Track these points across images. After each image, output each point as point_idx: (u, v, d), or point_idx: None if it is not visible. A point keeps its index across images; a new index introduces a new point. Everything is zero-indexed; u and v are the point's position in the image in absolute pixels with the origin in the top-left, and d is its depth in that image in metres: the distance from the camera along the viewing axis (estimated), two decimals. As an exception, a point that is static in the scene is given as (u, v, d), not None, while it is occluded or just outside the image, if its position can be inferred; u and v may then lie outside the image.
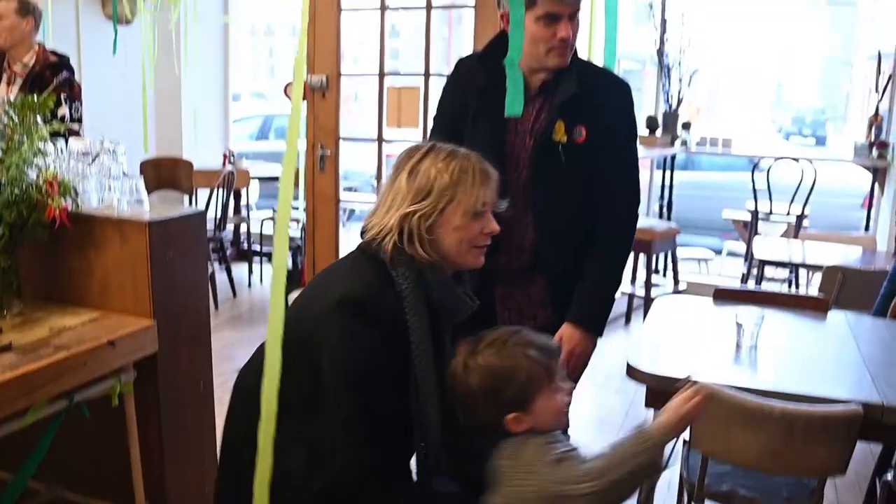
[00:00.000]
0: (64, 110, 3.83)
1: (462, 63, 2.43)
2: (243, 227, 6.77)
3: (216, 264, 5.89)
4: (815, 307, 2.90)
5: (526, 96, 2.23)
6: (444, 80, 2.56)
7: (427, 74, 4.33)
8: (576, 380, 2.33)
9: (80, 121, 3.99)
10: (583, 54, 2.36)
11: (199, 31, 6.13)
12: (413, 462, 1.75)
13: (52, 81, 3.93)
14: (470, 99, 2.27)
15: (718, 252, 7.79)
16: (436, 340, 1.74)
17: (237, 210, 6.63)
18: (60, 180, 2.45)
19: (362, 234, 1.81)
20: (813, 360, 2.48)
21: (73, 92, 3.99)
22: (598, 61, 2.57)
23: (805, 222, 5.93)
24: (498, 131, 2.22)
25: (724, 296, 2.94)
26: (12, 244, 2.44)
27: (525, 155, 2.24)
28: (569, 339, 2.25)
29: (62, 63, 4.12)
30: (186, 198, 6.16)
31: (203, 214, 2.70)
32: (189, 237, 2.61)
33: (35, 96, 2.55)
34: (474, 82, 2.26)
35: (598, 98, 2.22)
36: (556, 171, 2.21)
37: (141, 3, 5.15)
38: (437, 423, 1.71)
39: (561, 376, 1.65)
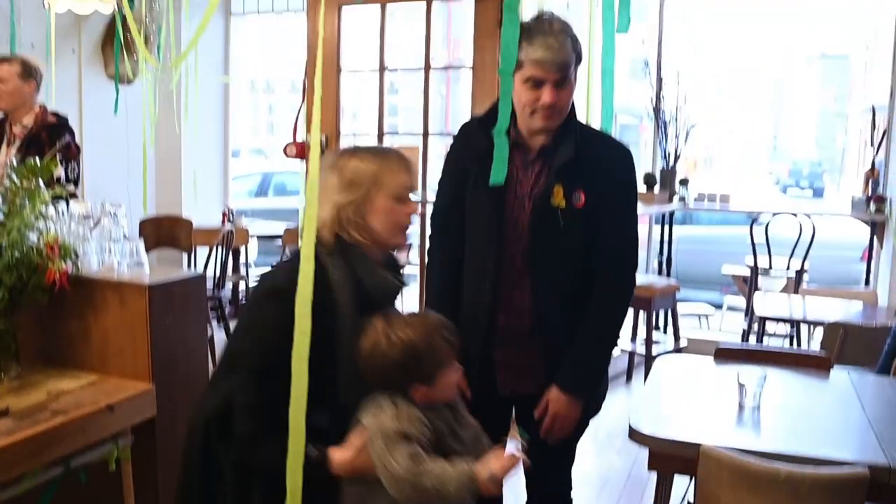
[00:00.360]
0: (59, 171, 3.85)
1: (465, 127, 2.45)
2: (242, 286, 6.75)
3: (214, 323, 5.85)
4: (817, 365, 2.89)
5: (525, 160, 2.26)
6: (442, 140, 2.58)
7: (426, 134, 4.38)
8: (567, 443, 2.31)
9: (76, 182, 3.99)
10: (581, 116, 2.38)
11: (200, 88, 6.19)
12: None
13: (50, 143, 3.93)
14: (471, 163, 2.27)
15: (719, 307, 7.76)
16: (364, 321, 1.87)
17: (236, 268, 6.62)
18: (61, 243, 2.45)
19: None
20: (817, 421, 2.46)
21: (69, 153, 4.00)
22: (596, 123, 2.60)
23: (805, 276, 5.92)
24: (497, 196, 2.21)
25: (725, 355, 2.93)
26: (11, 307, 2.43)
27: (524, 219, 2.24)
28: (554, 401, 2.23)
29: (61, 124, 4.14)
30: (185, 256, 6.16)
31: (203, 277, 2.70)
32: (189, 300, 2.62)
33: (37, 160, 2.57)
34: (475, 147, 2.26)
35: (597, 162, 2.21)
36: (554, 236, 2.20)
37: (143, 64, 5.22)
38: (353, 403, 1.85)
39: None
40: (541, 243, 2.22)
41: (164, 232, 6.08)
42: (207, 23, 2.47)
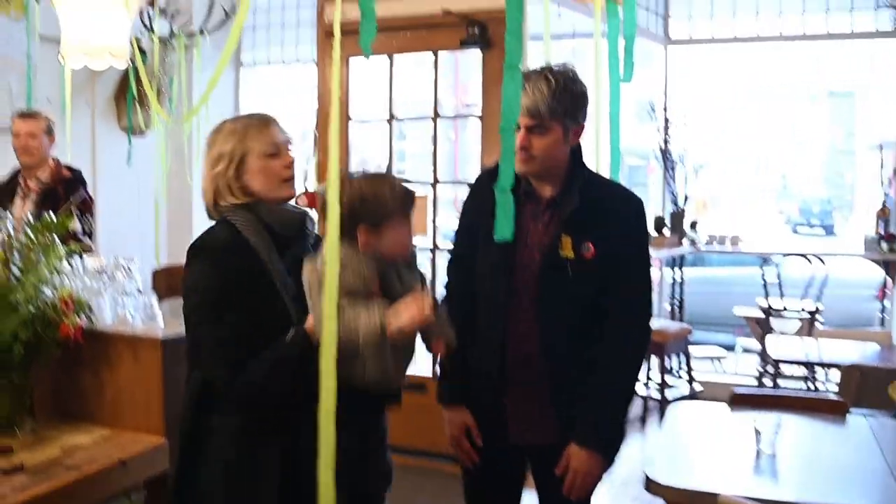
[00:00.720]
0: (76, 225, 3.90)
1: (477, 180, 2.48)
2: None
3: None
4: (833, 409, 2.86)
5: (535, 210, 2.28)
6: (451, 188, 2.60)
7: (435, 182, 4.41)
8: (582, 500, 2.28)
9: (91, 234, 4.05)
10: (589, 163, 2.39)
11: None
12: None
13: (66, 197, 3.99)
14: (482, 216, 2.28)
15: (732, 348, 7.70)
16: (287, 253, 2.09)
17: (248, 316, 6.62)
18: (76, 298, 2.47)
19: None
20: (836, 468, 2.42)
21: (84, 206, 4.06)
22: (604, 170, 2.61)
23: (818, 317, 5.87)
24: (507, 246, 2.19)
25: (740, 401, 2.90)
26: (27, 362, 2.45)
27: (534, 270, 2.24)
28: (575, 457, 2.20)
29: (76, 178, 4.21)
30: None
31: (216, 329, 2.70)
32: (202, 353, 2.62)
33: (51, 215, 2.60)
34: (486, 200, 2.28)
35: (606, 213, 2.22)
36: (563, 286, 2.20)
37: (155, 116, 5.28)
38: (294, 316, 2.02)
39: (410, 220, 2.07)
40: (550, 294, 2.22)
41: (176, 282, 5.99)
42: (219, 77, 2.51)
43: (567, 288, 2.20)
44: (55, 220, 2.51)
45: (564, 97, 2.17)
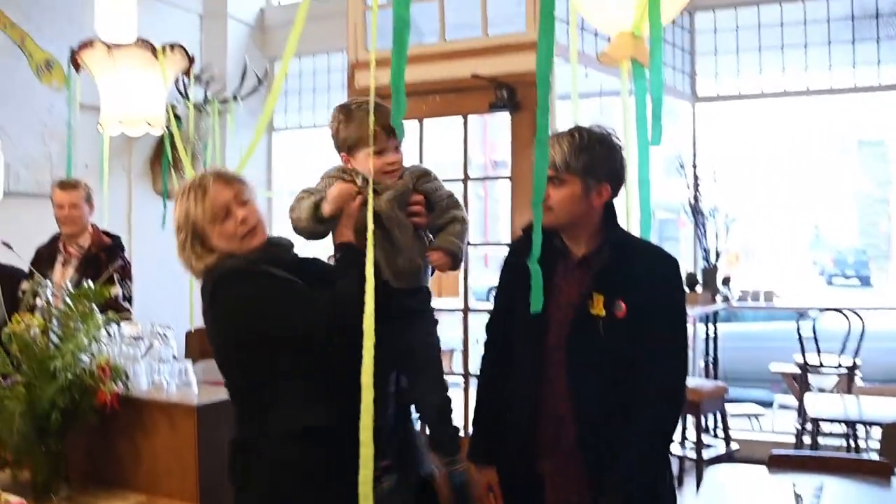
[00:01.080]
0: (117, 290, 3.95)
1: (516, 242, 2.52)
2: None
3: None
4: (877, 471, 2.78)
5: (566, 268, 2.28)
6: (482, 249, 2.63)
7: (466, 244, 4.42)
8: None
9: (130, 300, 4.09)
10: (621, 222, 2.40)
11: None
12: None
13: (106, 263, 4.04)
14: (519, 273, 2.30)
15: (769, 405, 7.55)
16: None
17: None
18: (112, 365, 2.50)
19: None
20: (880, 532, 2.36)
21: (125, 272, 4.12)
22: (635, 230, 2.62)
23: (857, 372, 5.74)
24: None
25: (778, 463, 2.84)
26: (63, 428, 2.47)
27: (564, 327, 2.23)
28: None
29: (116, 245, 4.27)
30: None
31: (250, 394, 2.72)
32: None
33: (91, 283, 2.64)
34: (522, 256, 2.31)
35: (639, 273, 2.20)
36: (594, 345, 2.18)
37: (190, 181, 5.37)
38: None
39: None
40: (580, 353, 2.21)
41: (209, 344, 6.11)
42: (255, 146, 2.57)
43: (598, 347, 2.18)
44: (94, 288, 2.56)
45: (584, 154, 2.20)
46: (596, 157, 2.21)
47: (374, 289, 1.76)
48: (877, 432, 4.66)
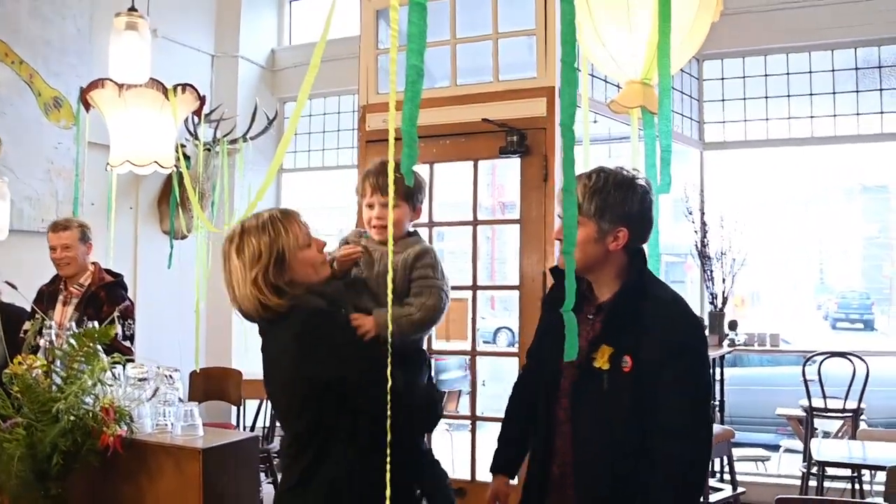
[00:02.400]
0: (117, 329, 3.92)
1: (553, 285, 2.50)
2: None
3: (262, 476, 5.78)
4: (886, 523, 2.75)
5: (588, 310, 2.25)
6: (489, 292, 2.64)
7: (475, 287, 4.42)
8: None
9: (132, 339, 4.07)
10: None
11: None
12: None
13: (107, 300, 4.03)
14: (549, 313, 2.31)
15: (775, 448, 7.51)
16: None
17: (284, 418, 6.56)
18: (116, 407, 2.48)
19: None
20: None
21: (126, 311, 4.09)
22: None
23: (862, 416, 5.74)
24: (554, 353, 2.08)
25: (788, 512, 2.80)
26: (65, 471, 2.44)
27: (572, 373, 2.20)
28: None
29: (118, 283, 4.24)
30: (235, 409, 6.15)
31: (256, 438, 2.70)
32: (242, 462, 2.61)
33: (95, 325, 2.63)
34: (552, 296, 2.34)
35: (651, 328, 2.11)
36: (597, 396, 2.12)
37: (196, 221, 5.37)
38: None
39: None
40: (581, 402, 2.18)
41: (213, 384, 6.09)
42: (266, 189, 2.57)
43: (600, 401, 2.12)
44: (98, 329, 2.54)
45: (597, 197, 2.17)
46: (610, 200, 2.17)
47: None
48: (882, 476, 4.62)
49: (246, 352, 6.59)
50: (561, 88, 1.59)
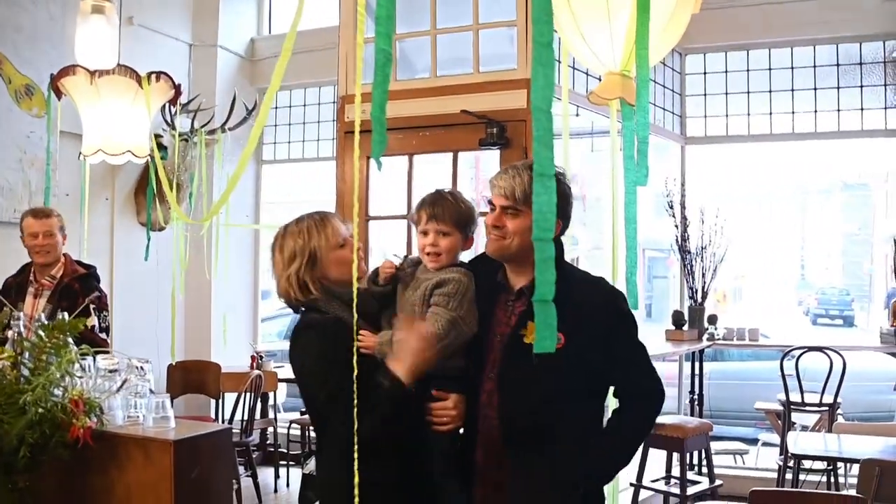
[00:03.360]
0: (93, 320, 3.84)
1: (472, 261, 2.56)
2: (270, 429, 6.64)
3: (241, 469, 5.75)
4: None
5: (506, 300, 2.33)
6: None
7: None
8: None
9: (107, 330, 4.00)
10: (607, 261, 2.41)
11: (230, 233, 6.30)
12: None
13: (81, 292, 3.96)
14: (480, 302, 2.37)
15: (754, 441, 7.55)
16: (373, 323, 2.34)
17: (264, 413, 6.53)
18: (86, 399, 2.44)
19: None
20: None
21: (101, 303, 4.02)
22: (621, 269, 2.60)
23: (838, 409, 5.78)
24: (480, 338, 2.30)
25: (759, 500, 2.79)
26: (33, 464, 2.40)
27: (497, 354, 2.27)
28: None
29: (91, 274, 4.16)
30: (213, 402, 6.10)
31: (229, 430, 2.67)
32: (216, 454, 2.58)
33: (65, 316, 2.59)
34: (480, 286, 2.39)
35: (580, 306, 2.19)
36: (525, 372, 2.19)
37: (174, 213, 5.31)
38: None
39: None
40: (509, 375, 2.24)
41: (192, 377, 6.04)
42: (238, 178, 2.54)
43: (530, 375, 2.19)
44: (69, 320, 2.50)
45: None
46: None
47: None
48: (856, 469, 4.64)
49: (224, 345, 6.54)
50: (533, 68, 1.56)
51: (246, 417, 5.59)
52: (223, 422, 5.80)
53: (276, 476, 6.34)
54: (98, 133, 4.30)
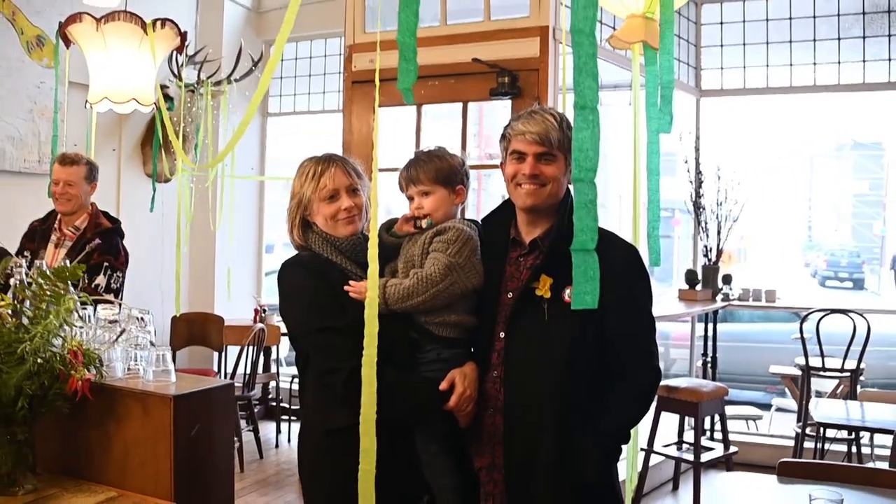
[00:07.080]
0: (100, 280, 3.72)
1: (486, 218, 2.47)
2: (272, 384, 6.61)
3: (243, 423, 5.71)
4: (894, 483, 2.64)
5: (519, 254, 2.24)
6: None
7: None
8: None
9: (116, 292, 3.81)
10: (628, 213, 2.30)
11: (235, 185, 6.22)
12: None
13: (96, 247, 3.84)
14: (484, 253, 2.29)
15: (766, 406, 7.43)
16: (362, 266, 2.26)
17: (266, 367, 6.49)
18: (85, 350, 2.35)
19: None
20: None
21: (117, 262, 3.84)
22: (643, 220, 2.49)
23: (861, 376, 5.57)
24: (491, 291, 2.22)
25: (789, 471, 2.68)
26: (31, 416, 2.32)
27: (508, 309, 2.18)
28: None
29: (115, 230, 4.00)
30: (216, 355, 6.05)
31: (231, 385, 2.58)
32: (216, 410, 2.49)
33: (67, 262, 2.49)
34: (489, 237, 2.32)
35: (602, 263, 2.08)
36: (534, 328, 2.11)
37: (180, 164, 5.23)
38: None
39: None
40: (516, 331, 2.15)
41: (195, 330, 6.01)
42: (244, 130, 2.42)
43: (537, 332, 2.12)
44: (69, 267, 2.40)
45: (568, 132, 2.14)
46: (571, 137, 2.13)
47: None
48: (880, 439, 4.53)
49: (228, 298, 6.48)
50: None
51: (248, 371, 5.54)
52: (225, 375, 5.77)
53: (278, 431, 6.33)
54: (104, 80, 4.21)
